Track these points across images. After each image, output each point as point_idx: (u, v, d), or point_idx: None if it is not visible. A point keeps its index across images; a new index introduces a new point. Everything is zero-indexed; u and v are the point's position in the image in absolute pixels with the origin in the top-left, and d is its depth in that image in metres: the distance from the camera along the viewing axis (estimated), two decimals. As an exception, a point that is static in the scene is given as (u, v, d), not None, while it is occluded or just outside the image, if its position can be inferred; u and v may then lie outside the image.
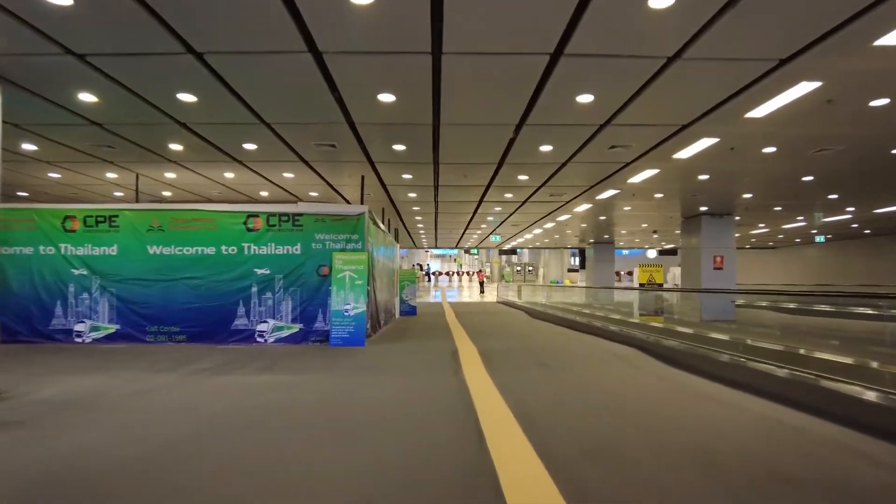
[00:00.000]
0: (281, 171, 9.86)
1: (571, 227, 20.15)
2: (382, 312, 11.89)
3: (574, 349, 8.75)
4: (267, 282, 9.13)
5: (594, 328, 11.01)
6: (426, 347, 8.69)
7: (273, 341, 9.02)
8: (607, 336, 10.07)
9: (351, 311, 8.74)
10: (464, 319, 14.91)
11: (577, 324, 12.03)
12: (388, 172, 9.93)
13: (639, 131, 7.33)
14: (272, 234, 9.18)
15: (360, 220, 9.13)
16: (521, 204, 13.72)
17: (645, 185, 11.05)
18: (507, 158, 8.76)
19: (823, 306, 11.74)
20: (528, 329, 12.36)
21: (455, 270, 58.57)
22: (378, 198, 12.63)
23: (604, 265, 28.43)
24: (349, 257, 8.88)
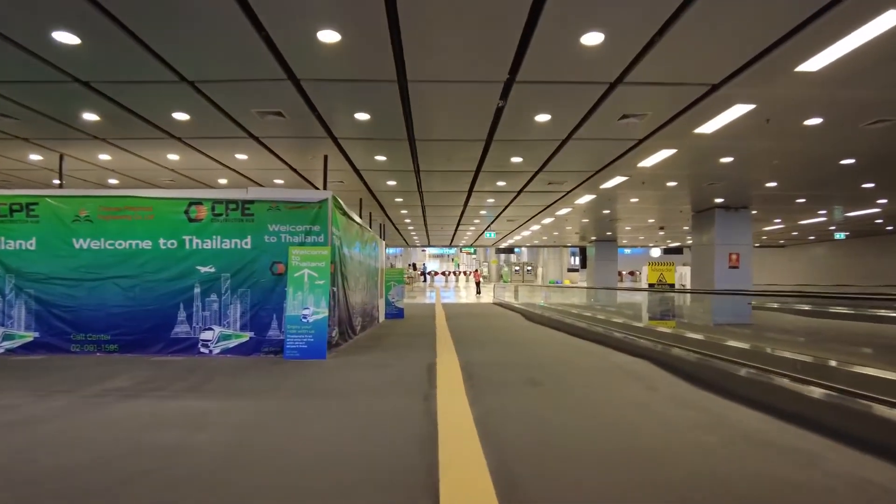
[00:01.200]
0: (232, 153, 8.52)
1: (572, 222, 18.81)
2: (358, 317, 10.56)
3: (574, 361, 7.41)
4: (212, 282, 7.79)
5: (597, 334, 9.68)
6: (401, 360, 7.35)
7: (219, 352, 7.68)
8: (612, 344, 8.75)
9: (310, 317, 7.40)
10: (454, 323, 13.60)
11: (578, 329, 10.71)
12: (358, 152, 8.57)
13: (657, 94, 6.00)
14: (218, 224, 7.84)
15: (321, 209, 7.78)
16: (516, 195, 12.39)
17: (657, 170, 9.71)
18: (496, 133, 7.42)
19: (841, 308, 10.55)
20: (523, 335, 11.02)
21: (452, 270, 57.21)
22: (354, 187, 11.30)
23: (606, 264, 27.12)
24: (308, 252, 7.54)
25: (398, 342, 9.59)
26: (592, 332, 9.98)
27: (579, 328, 10.76)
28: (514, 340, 9.97)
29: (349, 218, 9.41)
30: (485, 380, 5.85)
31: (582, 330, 10.55)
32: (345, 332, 9.11)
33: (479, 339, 9.94)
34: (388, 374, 6.33)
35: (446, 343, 9.13)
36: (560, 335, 10.85)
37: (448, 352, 8.00)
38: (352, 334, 9.74)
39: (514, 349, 8.71)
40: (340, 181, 10.69)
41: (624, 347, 8.31)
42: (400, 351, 8.32)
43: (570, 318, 12.07)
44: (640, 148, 8.23)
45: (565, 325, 11.68)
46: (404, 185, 11.18)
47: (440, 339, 9.85)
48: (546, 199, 13.33)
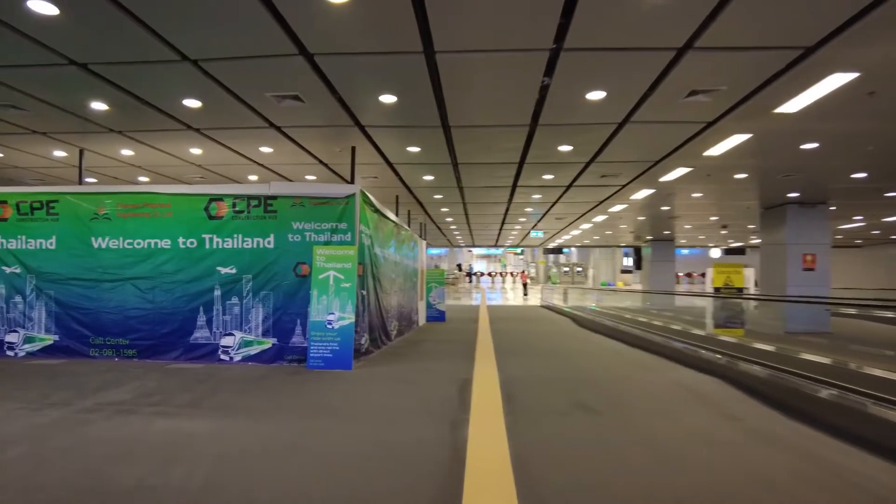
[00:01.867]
0: (256, 146, 7.98)
1: (626, 220, 17.54)
2: (393, 321, 9.90)
3: (632, 378, 6.46)
4: (232, 283, 7.27)
5: (654, 343, 8.65)
6: (433, 373, 6.60)
7: (240, 359, 7.15)
8: (673, 356, 7.71)
9: (335, 323, 6.76)
10: (497, 328, 12.78)
11: (633, 337, 9.67)
12: (388, 142, 7.87)
13: (734, 63, 5.00)
14: (239, 222, 7.32)
15: (349, 204, 7.13)
16: (564, 190, 11.41)
17: (726, 159, 8.57)
18: (541, 116, 6.55)
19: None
20: (573, 344, 10.08)
21: (499, 271, 56.13)
22: (389, 183, 10.64)
23: (663, 266, 25.53)
24: (334, 252, 6.90)
25: (434, 350, 8.86)
26: (649, 340, 8.94)
27: (634, 336, 9.73)
28: (562, 350, 9.06)
29: (382, 215, 8.75)
30: (527, 403, 5.02)
31: (637, 338, 9.51)
32: (377, 338, 8.45)
33: (523, 348, 9.08)
34: (415, 391, 5.59)
35: (486, 352, 8.33)
36: (613, 344, 9.85)
37: (487, 363, 7.19)
38: (385, 340, 9.08)
39: (561, 361, 7.81)
40: (374, 176, 10.05)
41: (686, 360, 7.28)
42: (434, 361, 7.57)
43: (625, 325, 11.03)
44: (709, 133, 7.16)
45: (619, 333, 10.65)
46: (442, 180, 10.43)
47: (480, 346, 9.05)
48: (598, 195, 12.29)
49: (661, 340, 8.60)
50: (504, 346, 9.16)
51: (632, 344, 9.57)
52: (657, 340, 8.70)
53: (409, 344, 9.61)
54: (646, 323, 10.35)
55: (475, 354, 8.10)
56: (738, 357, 6.52)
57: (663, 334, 9.06)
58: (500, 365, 7.09)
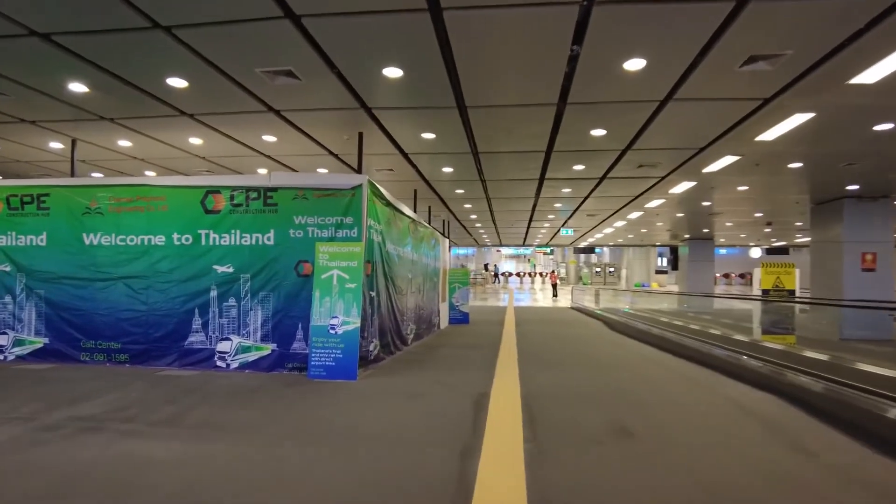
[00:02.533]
0: (257, 133, 7.41)
1: (663, 217, 16.52)
2: (410, 324, 9.24)
3: (675, 394, 5.64)
4: (230, 283, 6.71)
5: (698, 352, 7.77)
6: (446, 385, 5.90)
7: (237, 366, 6.58)
8: (721, 366, 6.83)
9: (338, 328, 6.12)
10: (524, 331, 12.00)
11: (673, 343, 8.79)
12: (400, 128, 7.19)
13: (805, 17, 4.16)
14: (237, 216, 6.75)
15: (355, 196, 6.49)
16: (597, 182, 10.56)
17: (781, 145, 7.64)
18: (569, 94, 5.78)
19: None
20: (606, 350, 9.24)
21: (528, 271, 55.07)
22: (406, 175, 9.99)
23: (701, 266, 24.33)
24: (338, 249, 6.27)
25: (453, 356, 8.15)
26: (692, 348, 8.06)
27: (674, 342, 8.85)
28: (593, 358, 8.24)
29: (395, 210, 8.09)
30: (552, 427, 4.27)
31: (677, 345, 8.63)
32: (389, 343, 7.80)
33: (550, 355, 8.31)
34: (423, 408, 4.89)
35: (510, 360, 7.59)
36: (651, 351, 8.98)
37: (509, 373, 6.45)
38: (400, 345, 8.42)
39: (593, 371, 7.00)
40: (389, 169, 9.41)
41: (736, 372, 6.40)
42: (450, 370, 6.87)
43: (662, 329, 10.13)
44: (765, 112, 6.28)
45: (656, 338, 9.76)
46: (463, 171, 9.71)
47: (504, 353, 8.31)
48: (634, 188, 11.41)
49: (704, 348, 7.72)
50: (529, 353, 8.40)
51: (671, 351, 8.69)
52: (700, 348, 7.81)
53: (426, 349, 8.93)
54: (686, 328, 9.44)
55: (497, 362, 7.38)
56: (786, 366, 5.65)
57: (707, 341, 8.16)
58: (524, 375, 6.34)
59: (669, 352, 8.71)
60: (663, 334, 9.66)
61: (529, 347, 9.13)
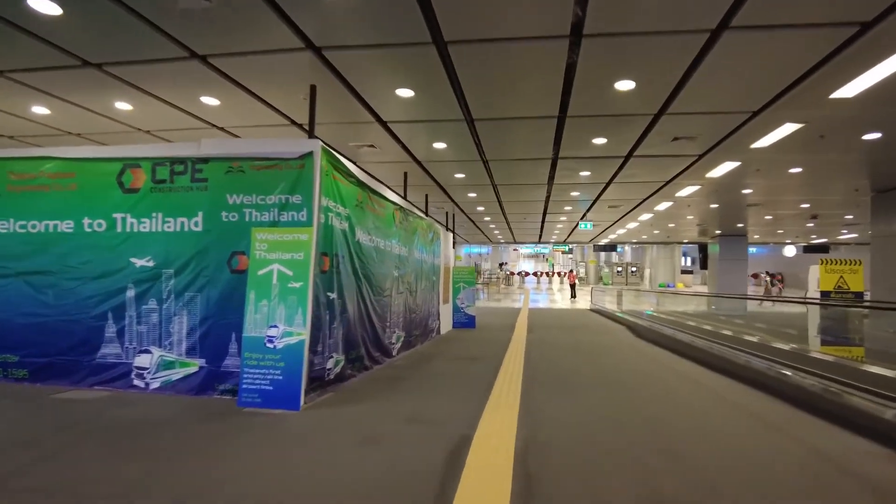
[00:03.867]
0: (194, 94, 5.95)
1: (695, 208, 14.69)
2: (396, 331, 7.79)
3: (739, 440, 4.05)
4: (150, 281, 5.30)
5: (745, 369, 6.17)
6: (416, 422, 4.41)
7: (158, 386, 5.18)
8: (794, 395, 5.20)
9: (277, 341, 4.66)
10: (536, 338, 10.47)
11: (716, 358, 7.18)
12: (369, 82, 5.65)
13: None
14: (159, 196, 5.35)
15: (305, 168, 5.02)
16: (623, 161, 8.87)
17: (862, 106, 5.99)
18: (586, 21, 4.23)
19: None
20: (633, 365, 7.65)
21: (545, 270, 53.18)
22: (393, 155, 8.48)
23: (733, 265, 22.36)
24: (280, 237, 4.81)
25: (443, 373, 6.65)
26: (740, 364, 6.44)
27: (715, 355, 7.23)
28: (617, 377, 6.67)
29: (371, 192, 6.61)
30: (563, 497, 2.76)
31: (720, 359, 7.01)
32: (363, 356, 6.33)
33: (564, 372, 6.76)
34: (373, 463, 3.38)
35: (512, 379, 6.06)
36: (688, 367, 7.37)
37: (508, 402, 4.93)
38: (380, 358, 6.97)
39: (618, 399, 5.43)
40: (370, 145, 7.90)
41: (823, 406, 4.78)
42: (432, 395, 5.37)
43: (694, 336, 8.54)
44: (848, 54, 4.67)
45: (692, 349, 8.13)
46: (459, 148, 8.15)
47: (507, 368, 6.79)
48: (664, 171, 9.74)
49: (761, 366, 6.09)
50: (538, 369, 6.87)
51: (714, 367, 7.07)
52: (758, 367, 6.19)
53: (414, 362, 7.45)
54: (725, 335, 7.79)
55: (496, 382, 5.86)
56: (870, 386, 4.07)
57: (749, 350, 6.55)
58: (527, 406, 4.82)
59: (712, 367, 7.09)
60: (696, 343, 8.02)
61: (539, 361, 7.59)
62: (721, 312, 15.90)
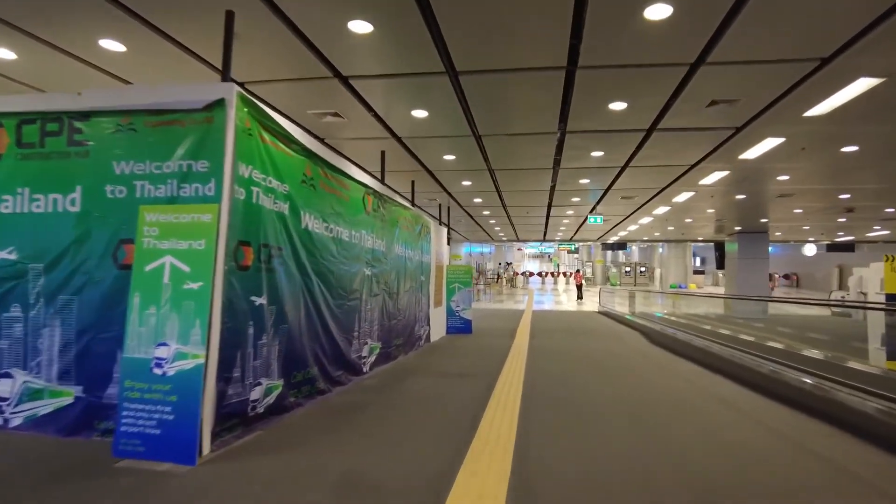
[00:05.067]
0: (90, 36, 4.60)
1: (718, 199, 13.16)
2: (368, 341, 6.46)
3: (790, 478, 2.67)
4: (12, 280, 3.95)
5: (793, 388, 4.79)
6: (348, 494, 3.05)
7: (20, 423, 3.83)
8: (848, 422, 3.82)
9: (167, 366, 3.30)
10: (539, 346, 9.13)
11: (754, 374, 5.80)
12: (314, 12, 4.31)
13: None
14: (27, 165, 3.99)
15: (214, 122, 3.65)
16: (643, 137, 7.45)
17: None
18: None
19: None
20: (655, 383, 6.26)
21: (550, 271, 51.73)
22: (368, 129, 7.11)
23: (754, 265, 20.89)
24: (174, 219, 3.45)
25: (418, 398, 5.28)
26: (780, 381, 5.06)
27: (753, 371, 5.85)
28: (640, 399, 5.28)
29: (327, 167, 5.25)
30: None
31: (763, 377, 5.63)
32: (315, 378, 4.98)
33: (572, 396, 5.38)
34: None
35: (507, 407, 4.70)
36: (724, 385, 5.98)
37: (496, 449, 3.57)
38: (343, 378, 5.63)
39: (648, 437, 4.04)
40: (334, 113, 6.53)
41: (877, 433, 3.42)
42: (392, 437, 4.01)
43: (716, 343, 7.17)
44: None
45: (721, 361, 6.76)
46: (445, 118, 6.77)
47: (501, 391, 5.43)
48: (691, 151, 8.24)
49: (817, 391, 4.69)
50: (540, 390, 5.51)
51: (753, 386, 5.69)
52: (797, 381, 4.80)
53: (387, 381, 6.10)
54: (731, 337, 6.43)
55: (484, 413, 4.50)
56: None
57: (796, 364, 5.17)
58: (523, 451, 3.48)
59: (751, 386, 5.70)
60: (736, 359, 6.63)
61: (542, 379, 6.22)
62: (740, 315, 14.50)
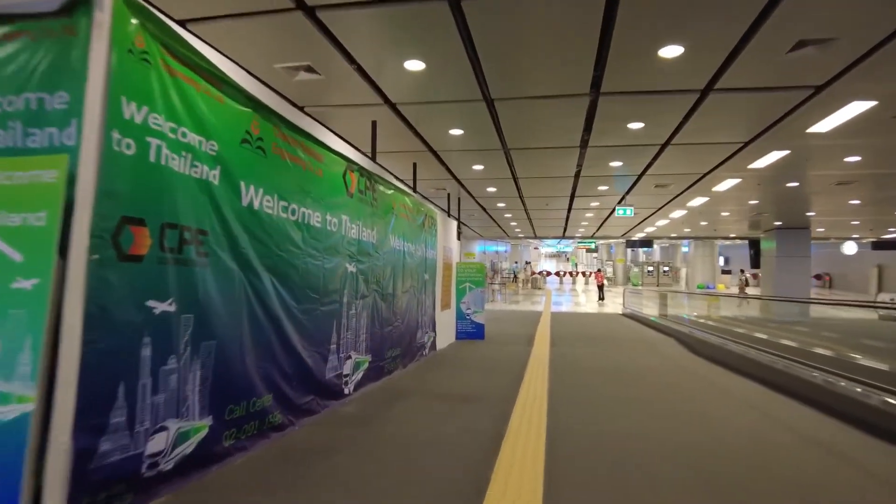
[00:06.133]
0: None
1: (766, 187, 11.52)
2: (353, 355, 5.24)
3: None
4: None
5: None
6: None
7: None
8: None
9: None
10: (562, 356, 7.89)
11: (842, 400, 4.46)
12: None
13: None
14: None
15: (78, 34, 2.41)
16: (696, 100, 6.05)
17: None
18: None
19: None
20: (709, 410, 4.92)
21: (568, 270, 50.15)
22: (349, 90, 5.84)
23: (794, 263, 19.34)
24: (10, 178, 2.21)
25: (406, 440, 4.01)
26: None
27: (842, 398, 4.50)
28: (698, 433, 3.97)
29: (285, 127, 4.00)
30: None
31: (858, 405, 4.29)
32: (267, 411, 3.75)
33: (611, 435, 4.06)
34: None
35: (528, 455, 3.43)
36: (808, 419, 4.64)
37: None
38: (315, 405, 4.44)
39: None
40: (307, 67, 5.25)
41: None
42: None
43: (774, 355, 5.83)
44: None
45: (795, 382, 5.39)
46: (446, 75, 5.52)
47: (519, 428, 4.16)
48: (759, 117, 6.70)
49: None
50: (569, 424, 4.22)
51: (858, 422, 4.34)
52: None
53: (371, 409, 4.87)
54: (877, 371, 5.07)
55: (493, 475, 3.22)
56: None
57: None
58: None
59: (857, 423, 4.35)
60: (812, 378, 5.26)
61: (569, 408, 4.93)
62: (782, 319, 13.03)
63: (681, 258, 45.45)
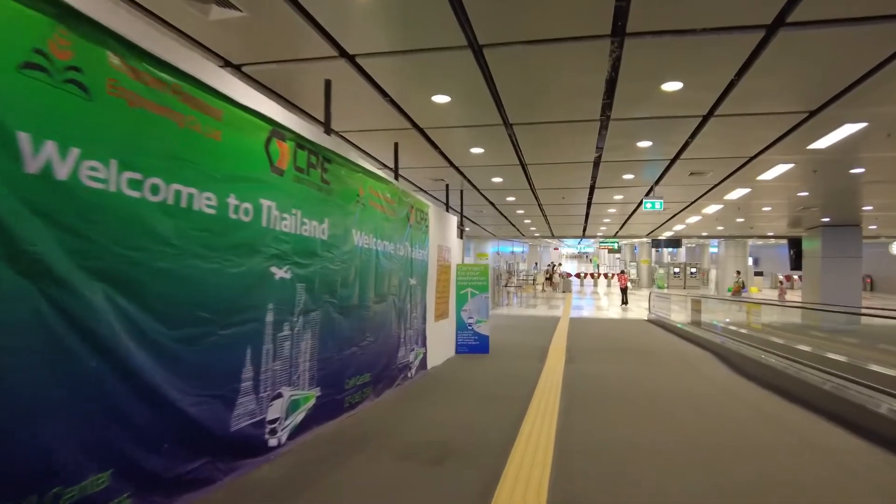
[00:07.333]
0: None
1: (823, 174, 9.81)
2: (283, 395, 3.89)
3: None
4: None
5: None
6: None
7: None
8: None
9: None
10: (579, 376, 6.52)
11: None
12: None
13: None
14: None
15: None
16: (763, 38, 4.55)
17: None
18: None
19: None
20: (795, 475, 3.46)
21: (590, 272, 48.38)
22: (298, 42, 4.51)
23: (841, 265, 17.59)
24: None
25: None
26: None
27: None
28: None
29: (118, 45, 2.63)
30: None
31: None
32: (109, 497, 2.38)
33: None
34: None
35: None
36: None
37: None
38: (215, 472, 3.11)
39: None
40: (228, 2, 3.95)
41: None
42: None
43: (871, 388, 4.41)
44: None
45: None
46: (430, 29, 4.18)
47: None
48: (832, 80, 5.40)
49: None
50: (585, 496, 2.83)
51: None
52: None
53: (293, 483, 3.50)
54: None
55: None
56: None
57: None
58: None
59: None
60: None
61: (584, 463, 3.51)
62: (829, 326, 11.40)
63: (708, 259, 43.43)
